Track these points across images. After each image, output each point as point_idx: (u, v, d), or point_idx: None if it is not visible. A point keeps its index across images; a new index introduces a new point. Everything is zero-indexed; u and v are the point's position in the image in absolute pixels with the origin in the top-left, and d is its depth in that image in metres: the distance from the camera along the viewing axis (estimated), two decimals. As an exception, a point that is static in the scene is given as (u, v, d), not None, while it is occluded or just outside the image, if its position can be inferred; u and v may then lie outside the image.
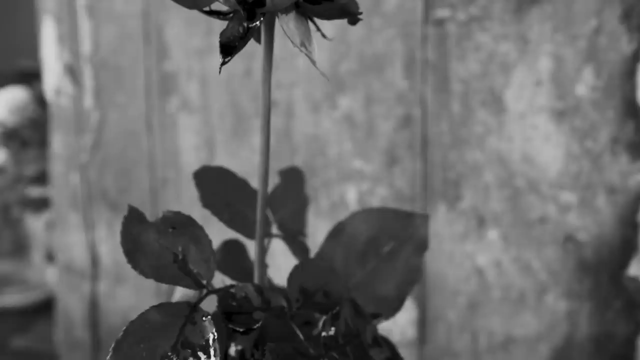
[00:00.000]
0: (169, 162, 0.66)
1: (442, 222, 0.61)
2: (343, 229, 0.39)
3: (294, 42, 0.29)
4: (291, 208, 0.45)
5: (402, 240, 0.39)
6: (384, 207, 0.40)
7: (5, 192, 1.04)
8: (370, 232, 0.39)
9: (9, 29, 1.51)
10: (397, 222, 0.39)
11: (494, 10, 0.57)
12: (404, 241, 0.39)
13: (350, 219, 0.39)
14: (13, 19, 1.51)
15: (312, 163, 0.62)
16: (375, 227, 0.39)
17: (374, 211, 0.39)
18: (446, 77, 0.59)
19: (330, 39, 0.34)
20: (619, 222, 0.58)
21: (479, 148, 0.59)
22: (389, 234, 0.39)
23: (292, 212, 0.45)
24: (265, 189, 0.33)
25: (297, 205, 0.45)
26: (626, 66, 0.56)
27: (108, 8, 0.66)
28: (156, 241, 0.32)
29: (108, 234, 0.69)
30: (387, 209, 0.39)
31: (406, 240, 0.39)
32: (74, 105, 0.69)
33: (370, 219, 0.39)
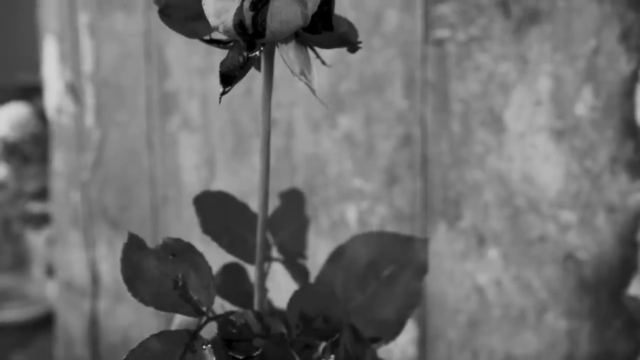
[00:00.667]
0: (170, 180, 0.66)
1: (442, 241, 0.61)
2: (343, 253, 0.39)
3: (294, 71, 0.29)
4: (291, 229, 0.45)
5: (402, 264, 0.39)
6: (384, 231, 0.40)
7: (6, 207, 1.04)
8: (370, 256, 0.39)
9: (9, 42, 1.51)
10: (397, 246, 0.39)
11: (493, 31, 0.57)
12: (403, 265, 0.39)
13: (350, 243, 0.40)
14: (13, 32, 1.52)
15: (312, 182, 0.62)
16: (375, 250, 0.39)
17: (374, 235, 0.40)
18: (446, 97, 0.59)
19: (330, 65, 0.34)
20: (619, 241, 0.58)
21: (478, 167, 0.59)
22: (389, 257, 0.39)
23: (292, 233, 0.45)
24: (265, 214, 0.33)
25: (298, 227, 0.45)
26: (625, 86, 0.56)
27: (109, 27, 0.67)
28: (156, 268, 0.32)
29: (108, 252, 0.69)
30: (387, 232, 0.40)
31: (406, 264, 0.39)
32: (75, 123, 0.69)
33: (370, 242, 0.40)
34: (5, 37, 1.52)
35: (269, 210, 0.36)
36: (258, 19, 0.26)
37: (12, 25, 1.53)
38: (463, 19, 0.58)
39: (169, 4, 0.31)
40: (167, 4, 0.31)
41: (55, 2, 0.69)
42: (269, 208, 0.34)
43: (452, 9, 0.58)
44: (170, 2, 0.32)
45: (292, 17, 0.27)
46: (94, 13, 0.67)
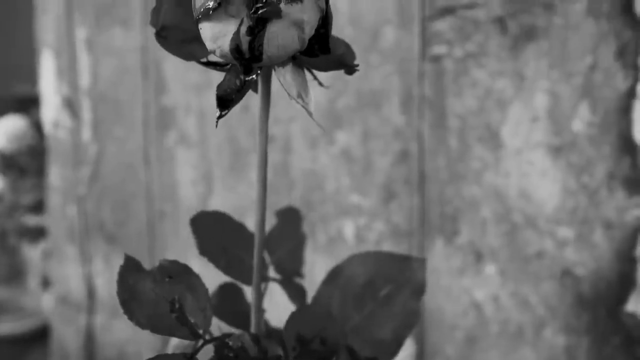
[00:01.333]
0: (167, 195, 0.66)
1: (440, 257, 0.61)
2: (340, 272, 0.39)
3: (291, 94, 0.29)
4: (288, 247, 0.45)
5: (400, 283, 0.39)
6: (381, 251, 0.40)
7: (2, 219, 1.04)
8: (367, 276, 0.39)
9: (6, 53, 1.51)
10: (394, 265, 0.39)
11: (490, 47, 0.57)
12: (401, 285, 0.39)
13: (347, 262, 0.39)
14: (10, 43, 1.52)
15: (309, 198, 0.62)
16: (372, 270, 0.39)
17: (371, 254, 0.39)
18: (443, 113, 0.59)
19: (327, 86, 0.34)
20: (616, 257, 0.58)
21: (476, 183, 0.59)
22: (386, 277, 0.39)
23: (289, 251, 0.44)
24: (262, 235, 0.33)
25: (294, 244, 0.45)
26: (621, 102, 0.56)
27: (107, 42, 0.67)
28: (152, 290, 0.32)
29: (105, 267, 0.69)
30: (384, 252, 0.39)
31: (403, 284, 0.39)
32: (72, 138, 0.69)
33: (367, 262, 0.39)
34: (1, 48, 1.52)
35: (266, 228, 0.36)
36: (255, 44, 0.26)
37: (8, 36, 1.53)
38: (460, 35, 0.58)
39: (166, 26, 0.31)
40: (163, 26, 0.31)
41: (53, 17, 0.69)
42: (266, 225, 0.34)
43: (449, 25, 0.58)
44: (167, 24, 0.32)
45: (289, 42, 0.27)
46: (91, 28, 0.67)
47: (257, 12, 0.26)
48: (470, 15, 0.57)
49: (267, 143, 0.31)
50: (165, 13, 0.32)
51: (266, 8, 0.26)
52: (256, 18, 0.26)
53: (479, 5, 0.57)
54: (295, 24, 0.27)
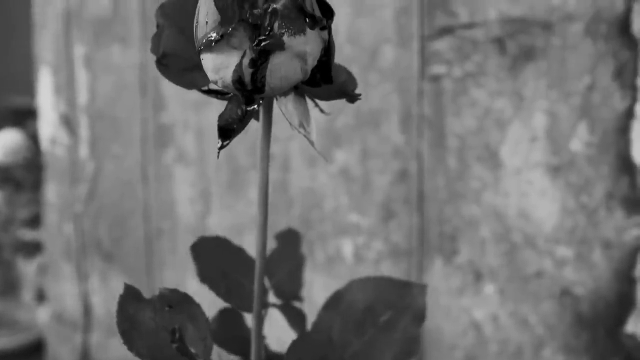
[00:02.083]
0: (165, 213, 0.66)
1: (439, 277, 0.61)
2: (340, 298, 0.39)
3: (292, 124, 0.29)
4: (287, 269, 0.44)
5: (400, 309, 0.39)
6: (382, 276, 0.39)
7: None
8: (367, 301, 0.39)
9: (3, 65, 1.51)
10: (395, 291, 0.39)
11: (489, 67, 0.58)
12: (401, 311, 0.39)
13: (347, 288, 0.39)
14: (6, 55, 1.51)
15: (308, 216, 0.62)
16: (373, 296, 0.39)
17: (371, 280, 0.39)
18: (442, 133, 0.59)
19: (329, 113, 0.34)
20: (615, 276, 0.58)
21: (475, 203, 0.59)
22: (387, 303, 0.39)
23: (288, 273, 0.44)
24: (262, 265, 0.33)
25: (293, 266, 0.45)
26: (620, 122, 0.56)
27: (105, 59, 0.67)
28: (152, 320, 0.31)
29: (101, 285, 0.69)
30: (384, 277, 0.39)
31: (404, 310, 0.39)
32: (69, 155, 0.69)
33: (367, 287, 0.39)
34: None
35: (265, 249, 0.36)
36: (257, 76, 0.26)
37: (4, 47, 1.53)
38: (459, 55, 0.58)
39: (167, 53, 0.31)
40: (164, 53, 0.31)
41: (51, 34, 0.69)
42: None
43: (448, 45, 0.58)
44: (168, 52, 0.31)
45: (292, 73, 0.27)
46: (90, 45, 0.67)
47: (260, 45, 0.26)
48: (469, 35, 0.57)
49: (268, 171, 0.31)
50: (166, 40, 0.32)
51: (269, 40, 0.25)
52: (259, 50, 0.26)
53: (477, 26, 0.57)
54: (298, 56, 0.26)
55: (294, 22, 0.26)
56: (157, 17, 0.32)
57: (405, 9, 0.59)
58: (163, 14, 0.32)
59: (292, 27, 0.26)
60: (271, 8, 0.25)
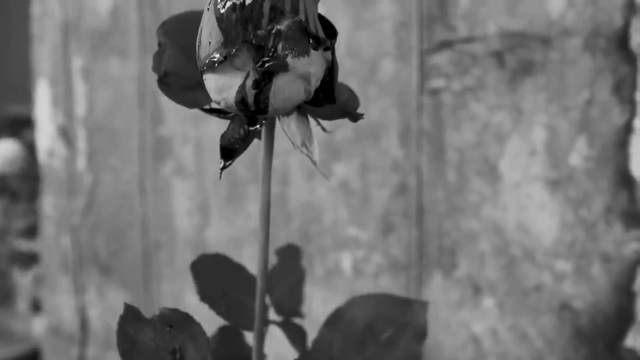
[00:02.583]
0: (163, 225, 0.66)
1: (438, 290, 0.60)
2: (341, 315, 0.39)
3: (295, 144, 0.29)
4: (288, 285, 0.44)
5: (401, 327, 0.38)
6: (383, 293, 0.39)
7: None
8: (368, 319, 0.39)
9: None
10: (396, 308, 0.39)
11: (488, 81, 0.58)
12: (402, 328, 0.38)
13: (348, 305, 0.39)
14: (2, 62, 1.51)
15: (307, 230, 0.62)
16: (373, 313, 0.39)
17: (372, 297, 0.39)
18: (441, 146, 0.59)
19: (330, 131, 0.34)
20: (614, 290, 0.58)
21: (474, 216, 0.59)
22: (388, 320, 0.39)
23: (289, 289, 0.44)
24: (264, 285, 0.32)
25: (294, 281, 0.45)
26: (618, 137, 0.56)
27: (104, 72, 0.66)
28: (153, 340, 0.31)
29: (98, 298, 0.68)
30: (385, 294, 0.39)
31: (405, 327, 0.38)
32: (67, 167, 0.69)
33: (368, 304, 0.39)
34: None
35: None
36: (261, 97, 0.26)
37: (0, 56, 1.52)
38: (458, 69, 0.58)
39: (168, 72, 0.31)
40: (166, 72, 0.31)
41: (49, 46, 0.68)
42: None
43: (448, 59, 0.58)
44: (170, 71, 0.31)
45: (296, 94, 0.27)
46: (88, 57, 0.67)
47: (263, 66, 0.25)
48: (468, 49, 0.57)
49: (270, 191, 0.31)
50: (168, 59, 0.31)
51: (273, 62, 0.25)
52: (262, 71, 0.26)
53: (477, 40, 0.57)
54: (301, 77, 0.26)
55: (298, 44, 0.26)
56: (159, 35, 0.32)
57: (405, 23, 0.59)
58: (165, 32, 0.32)
59: (296, 49, 0.25)
60: (275, 29, 0.25)
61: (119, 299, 0.63)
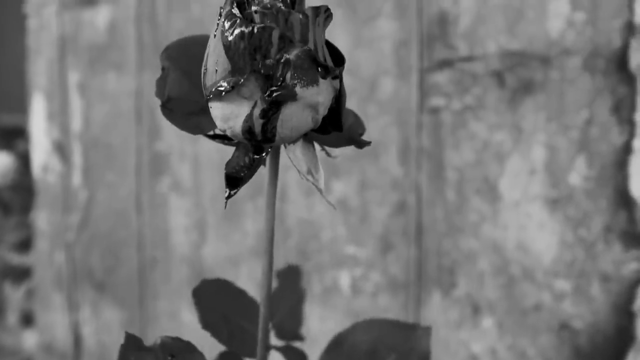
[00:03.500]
0: (159, 242, 0.65)
1: (437, 310, 0.60)
2: (343, 340, 0.38)
3: (300, 171, 0.29)
4: (288, 307, 0.44)
5: (404, 352, 0.38)
6: (385, 318, 0.39)
7: (-15, 256, 1.01)
8: (371, 344, 0.38)
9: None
10: (399, 333, 0.38)
11: (488, 100, 0.58)
12: (405, 354, 0.38)
13: (351, 330, 0.39)
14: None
15: (305, 247, 0.61)
16: (376, 338, 0.38)
17: (375, 322, 0.39)
18: (441, 165, 0.59)
19: (335, 156, 0.34)
20: (614, 310, 0.58)
21: (473, 235, 0.59)
22: (390, 346, 0.38)
23: (289, 311, 0.44)
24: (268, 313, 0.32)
25: (294, 302, 0.45)
26: (618, 157, 0.56)
27: (100, 86, 0.66)
28: (154, 370, 0.30)
29: (92, 315, 0.67)
30: (388, 320, 0.39)
31: (408, 352, 0.38)
32: (62, 182, 0.68)
33: (371, 329, 0.39)
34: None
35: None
36: (268, 127, 0.26)
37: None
38: (458, 87, 0.58)
39: (172, 97, 0.31)
40: (169, 97, 0.31)
41: (46, 60, 0.68)
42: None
43: (447, 78, 0.58)
44: (173, 96, 0.31)
45: (303, 123, 0.26)
46: (85, 72, 0.66)
47: (272, 95, 0.25)
48: (468, 68, 0.57)
49: (274, 218, 0.31)
50: (172, 84, 0.31)
51: (281, 91, 0.25)
52: (271, 101, 0.25)
53: (477, 59, 0.57)
54: (310, 106, 0.26)
55: (307, 73, 0.25)
56: (162, 60, 0.31)
57: (405, 42, 0.59)
58: (168, 56, 0.32)
59: (305, 78, 0.25)
60: (284, 58, 0.25)
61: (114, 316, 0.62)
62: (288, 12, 0.25)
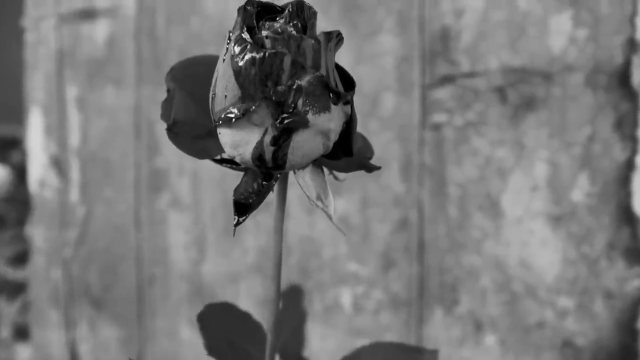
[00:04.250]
0: (157, 259, 0.64)
1: (439, 327, 0.59)
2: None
3: (310, 197, 0.28)
4: (291, 327, 0.43)
5: (411, 377, 0.37)
6: (391, 342, 0.38)
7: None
8: (377, 368, 0.38)
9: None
10: (405, 357, 0.38)
11: (490, 116, 0.57)
12: (412, 378, 0.37)
13: (356, 354, 0.38)
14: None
15: (306, 264, 0.61)
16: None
17: (381, 345, 0.38)
18: (443, 181, 0.58)
19: (343, 179, 0.33)
20: (617, 327, 0.57)
21: (476, 252, 0.58)
22: (397, 370, 0.37)
23: (292, 332, 0.43)
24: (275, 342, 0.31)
25: (297, 322, 0.44)
26: (620, 173, 0.56)
27: (99, 101, 0.65)
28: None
29: (89, 333, 0.66)
30: (395, 343, 0.38)
31: (415, 377, 0.37)
32: (59, 198, 0.67)
33: (377, 353, 0.38)
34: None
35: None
36: (279, 154, 0.25)
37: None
38: (460, 103, 0.57)
39: (178, 121, 0.30)
40: (175, 121, 0.30)
41: (43, 75, 0.67)
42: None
43: (450, 93, 0.58)
44: (179, 119, 0.30)
45: (315, 150, 0.26)
46: (83, 86, 0.66)
47: (283, 122, 0.25)
48: (470, 84, 0.57)
49: (282, 244, 0.30)
50: (178, 106, 0.30)
51: (293, 118, 0.24)
52: (282, 128, 0.25)
53: (479, 75, 0.57)
54: (321, 133, 0.26)
55: (319, 99, 0.25)
56: (167, 81, 0.31)
57: (407, 57, 0.59)
58: (173, 78, 0.31)
59: (317, 105, 0.25)
60: (296, 85, 0.24)
61: (112, 334, 0.62)
62: (300, 38, 0.24)
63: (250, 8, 0.26)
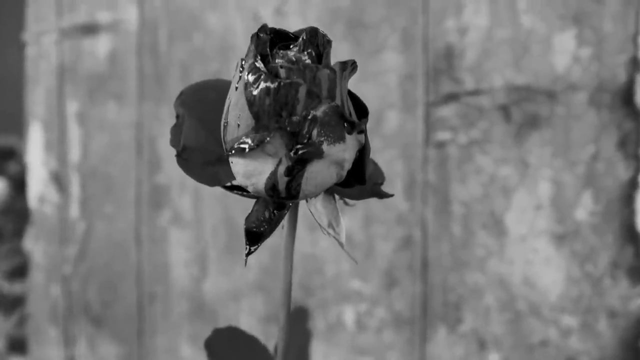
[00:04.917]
0: (158, 276, 0.64)
1: (442, 346, 0.59)
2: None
3: (321, 225, 0.28)
4: (297, 347, 0.43)
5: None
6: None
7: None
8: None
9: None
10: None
11: (494, 134, 0.57)
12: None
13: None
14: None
15: (308, 282, 0.60)
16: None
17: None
18: (447, 199, 0.58)
19: (353, 204, 0.33)
20: (621, 346, 0.57)
21: (479, 271, 0.58)
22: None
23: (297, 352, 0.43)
24: (285, 370, 0.31)
25: (302, 343, 0.44)
26: (624, 192, 0.56)
27: (100, 117, 0.65)
28: None
29: (88, 350, 0.66)
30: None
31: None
32: (59, 214, 0.66)
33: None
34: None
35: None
36: (293, 184, 0.25)
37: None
38: (464, 121, 0.57)
39: (187, 147, 0.30)
40: (185, 147, 0.30)
41: (44, 89, 0.67)
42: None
43: (454, 111, 0.58)
44: (189, 145, 0.30)
45: (328, 179, 0.26)
46: (84, 102, 0.65)
47: (297, 153, 0.24)
48: (474, 102, 0.57)
49: (291, 273, 0.30)
50: (187, 133, 0.30)
51: (307, 149, 0.24)
52: (296, 159, 0.24)
53: (483, 93, 0.57)
54: (336, 163, 0.25)
55: (334, 130, 0.24)
56: (176, 107, 0.31)
57: (410, 75, 0.59)
58: (182, 103, 0.31)
59: (332, 135, 0.24)
60: (311, 115, 0.24)
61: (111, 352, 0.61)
62: (316, 68, 0.24)
63: (263, 35, 0.26)
